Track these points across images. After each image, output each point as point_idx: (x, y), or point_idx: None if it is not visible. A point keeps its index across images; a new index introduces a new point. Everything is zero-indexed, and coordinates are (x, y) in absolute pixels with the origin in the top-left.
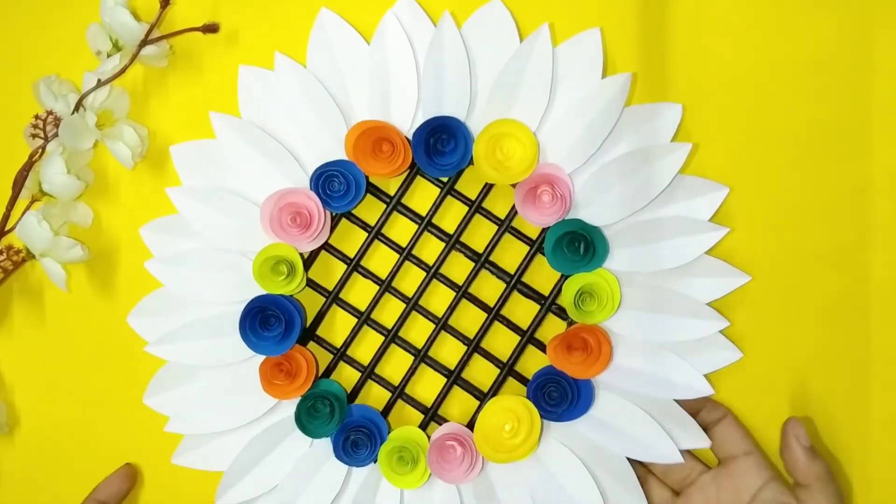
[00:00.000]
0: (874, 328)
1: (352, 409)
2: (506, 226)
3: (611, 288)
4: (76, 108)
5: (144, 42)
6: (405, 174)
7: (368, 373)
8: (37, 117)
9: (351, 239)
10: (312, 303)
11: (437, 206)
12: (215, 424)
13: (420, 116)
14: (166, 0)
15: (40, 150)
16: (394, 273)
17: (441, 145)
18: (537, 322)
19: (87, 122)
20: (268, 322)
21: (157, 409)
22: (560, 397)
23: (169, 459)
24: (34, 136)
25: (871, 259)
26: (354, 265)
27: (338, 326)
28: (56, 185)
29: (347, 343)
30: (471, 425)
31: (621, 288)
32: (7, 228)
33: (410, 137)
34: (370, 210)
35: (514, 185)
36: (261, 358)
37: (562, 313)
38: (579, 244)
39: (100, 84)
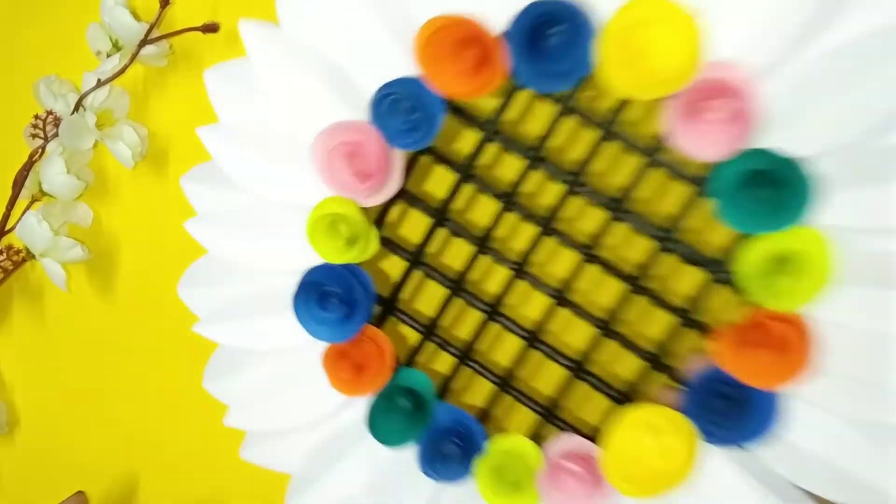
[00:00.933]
0: None
1: (439, 409)
2: (654, 159)
3: (819, 255)
4: (76, 108)
5: (144, 42)
6: (503, 90)
7: (463, 358)
8: (37, 117)
9: (437, 181)
10: (393, 266)
11: (548, 133)
12: (280, 421)
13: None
14: (166, 0)
15: (40, 150)
16: (492, 227)
17: (549, 43)
18: (699, 297)
19: (87, 122)
20: (326, 300)
21: (217, 396)
22: (729, 413)
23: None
24: (34, 136)
25: None
26: (440, 218)
27: (427, 294)
28: (56, 185)
29: (436, 319)
30: (599, 433)
31: (837, 254)
32: (7, 228)
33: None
34: (461, 140)
35: (663, 100)
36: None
37: (734, 282)
38: (768, 188)
39: (100, 84)
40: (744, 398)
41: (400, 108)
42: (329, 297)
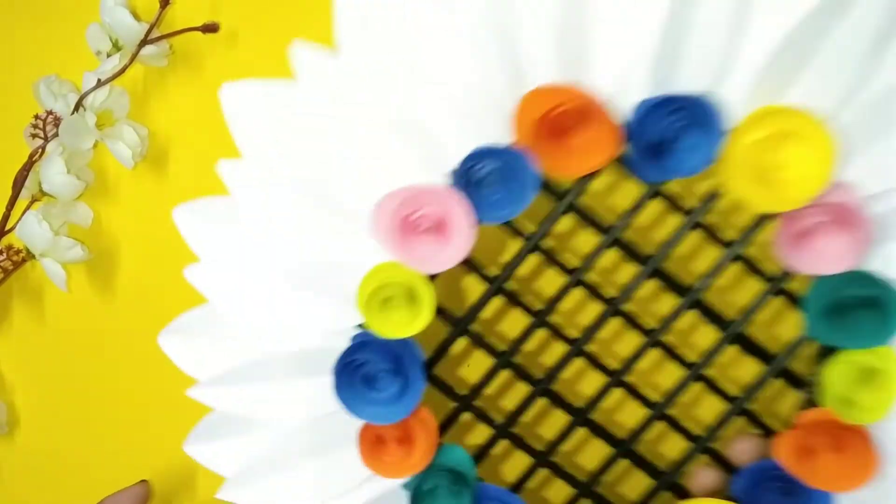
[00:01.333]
0: None
1: (482, 490)
2: (735, 252)
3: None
4: (76, 108)
5: (144, 42)
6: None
7: (502, 431)
8: (37, 117)
9: (495, 246)
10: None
11: (631, 213)
12: (288, 497)
13: (638, 82)
14: (166, 0)
15: (40, 150)
16: (553, 303)
17: (676, 144)
18: (756, 387)
19: (87, 122)
20: (375, 378)
21: (204, 462)
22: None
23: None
24: (34, 136)
25: None
26: (498, 287)
27: (471, 360)
28: (56, 185)
29: (477, 390)
30: None
31: None
32: (7, 228)
33: (629, 115)
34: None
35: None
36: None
37: (792, 375)
38: (868, 313)
39: (100, 84)
40: (799, 493)
41: (492, 179)
42: (377, 374)
